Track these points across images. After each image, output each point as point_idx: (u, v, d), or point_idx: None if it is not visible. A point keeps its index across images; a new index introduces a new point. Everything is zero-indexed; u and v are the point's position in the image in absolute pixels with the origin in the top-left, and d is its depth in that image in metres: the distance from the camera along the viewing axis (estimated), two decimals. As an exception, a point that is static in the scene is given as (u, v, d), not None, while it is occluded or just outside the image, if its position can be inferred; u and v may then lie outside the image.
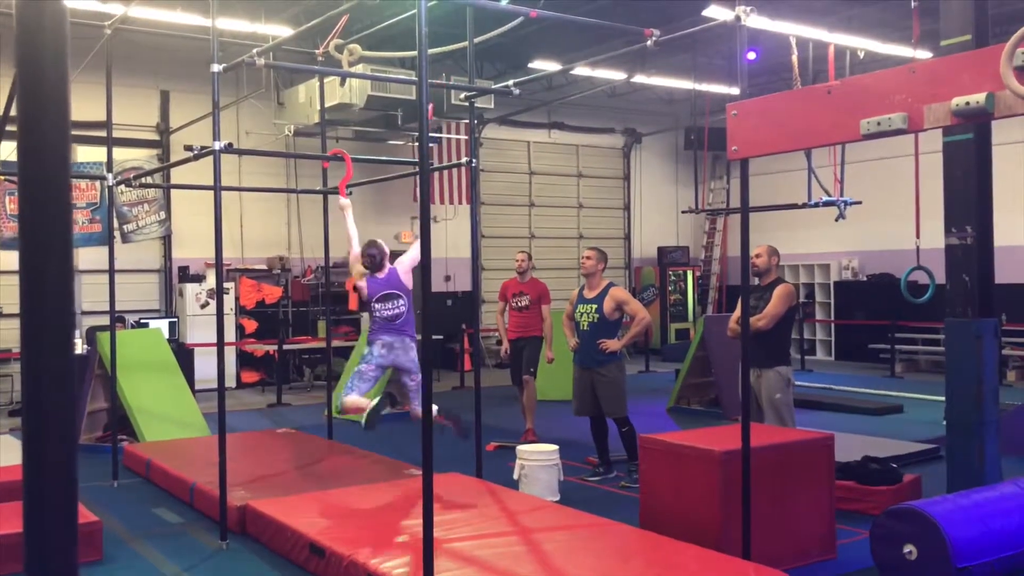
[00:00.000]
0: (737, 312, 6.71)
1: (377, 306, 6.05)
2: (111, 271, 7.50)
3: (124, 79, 12.74)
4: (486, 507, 5.46)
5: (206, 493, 6.10)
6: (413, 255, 6.17)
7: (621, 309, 6.89)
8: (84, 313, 12.60)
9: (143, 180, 8.09)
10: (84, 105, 10.96)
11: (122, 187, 13.11)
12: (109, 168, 7.20)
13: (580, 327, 7.08)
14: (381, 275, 6.13)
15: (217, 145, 5.42)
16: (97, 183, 12.52)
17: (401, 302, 6.06)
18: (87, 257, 12.54)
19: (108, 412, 8.63)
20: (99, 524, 5.21)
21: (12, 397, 11.74)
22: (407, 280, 6.13)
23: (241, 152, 6.07)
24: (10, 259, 12.20)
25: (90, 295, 12.65)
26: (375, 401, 6.00)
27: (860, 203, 7.71)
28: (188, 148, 5.80)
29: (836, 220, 6.88)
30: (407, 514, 5.30)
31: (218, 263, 5.66)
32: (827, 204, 7.07)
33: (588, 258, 7.17)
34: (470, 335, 15.50)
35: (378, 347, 6.06)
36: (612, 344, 6.85)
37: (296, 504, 5.62)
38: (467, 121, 13.84)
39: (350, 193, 6.47)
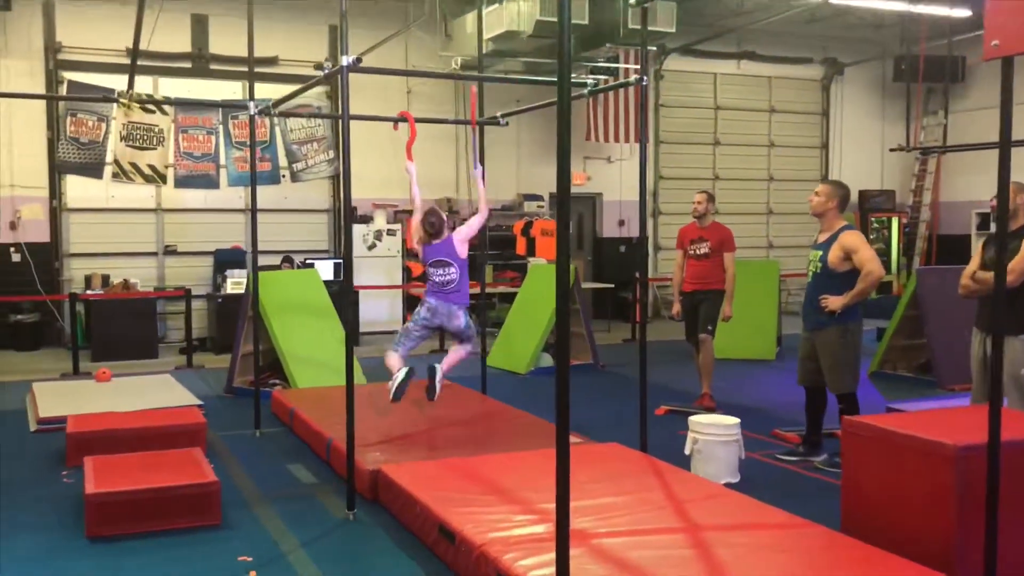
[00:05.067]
0: (972, 265, 5.42)
1: (431, 270, 6.14)
2: (254, 209, 7.06)
3: (294, 15, 12.47)
4: (649, 491, 4.58)
5: (341, 452, 5.53)
6: (473, 225, 6.30)
7: (851, 259, 5.69)
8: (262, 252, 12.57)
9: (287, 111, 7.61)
10: (257, 42, 10.75)
11: (291, 126, 12.99)
12: (251, 96, 6.69)
13: (808, 279, 6.01)
14: (438, 241, 6.14)
15: (345, 60, 4.71)
16: (266, 122, 12.35)
17: (452, 270, 6.11)
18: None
19: (261, 355, 8.32)
20: (217, 486, 4.74)
21: (179, 335, 11.81)
22: (461, 250, 6.17)
23: (367, 71, 5.26)
24: (185, 197, 12.29)
25: (260, 234, 12.61)
26: (402, 374, 5.93)
27: None
28: (318, 67, 5.13)
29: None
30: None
31: (346, 197, 5.01)
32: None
33: (817, 194, 5.97)
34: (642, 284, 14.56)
35: (425, 309, 6.16)
36: (833, 302, 5.68)
37: (431, 472, 4.96)
38: (646, 50, 12.72)
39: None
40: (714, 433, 5.42)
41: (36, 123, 11.63)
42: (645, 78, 5.35)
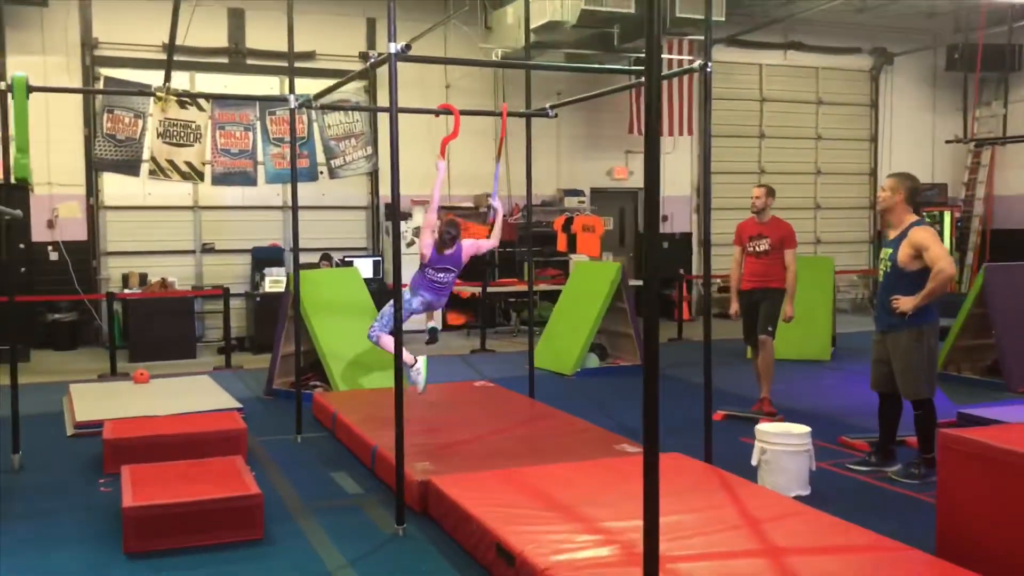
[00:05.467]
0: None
1: (431, 271, 6.41)
2: (295, 207, 6.83)
3: (332, 8, 12.25)
4: (721, 508, 4.26)
5: (387, 461, 5.27)
6: (482, 247, 6.66)
7: (922, 257, 5.32)
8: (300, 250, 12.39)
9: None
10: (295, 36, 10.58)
11: (329, 121, 12.76)
12: (291, 90, 6.46)
13: (879, 278, 5.66)
14: (450, 251, 6.39)
15: (393, 48, 4.42)
16: (304, 118, 12.14)
17: (452, 276, 6.47)
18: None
19: (302, 356, 8.09)
20: (260, 499, 4.49)
21: (217, 335, 11.63)
22: (465, 261, 6.52)
23: (416, 59, 4.96)
24: (222, 194, 12.12)
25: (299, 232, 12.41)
26: (423, 365, 6.42)
27: None
28: (363, 56, 4.86)
29: None
30: (620, 509, 4.20)
31: (394, 191, 4.79)
32: None
33: (883, 189, 5.60)
34: (692, 282, 14.15)
35: (418, 301, 6.49)
36: (904, 303, 5.32)
37: (485, 484, 4.67)
38: (693, 38, 12.33)
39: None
40: (783, 443, 5.08)
41: (73, 120, 11.51)
42: (710, 64, 5.02)
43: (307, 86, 10.27)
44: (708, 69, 5.06)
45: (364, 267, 11.64)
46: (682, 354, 10.81)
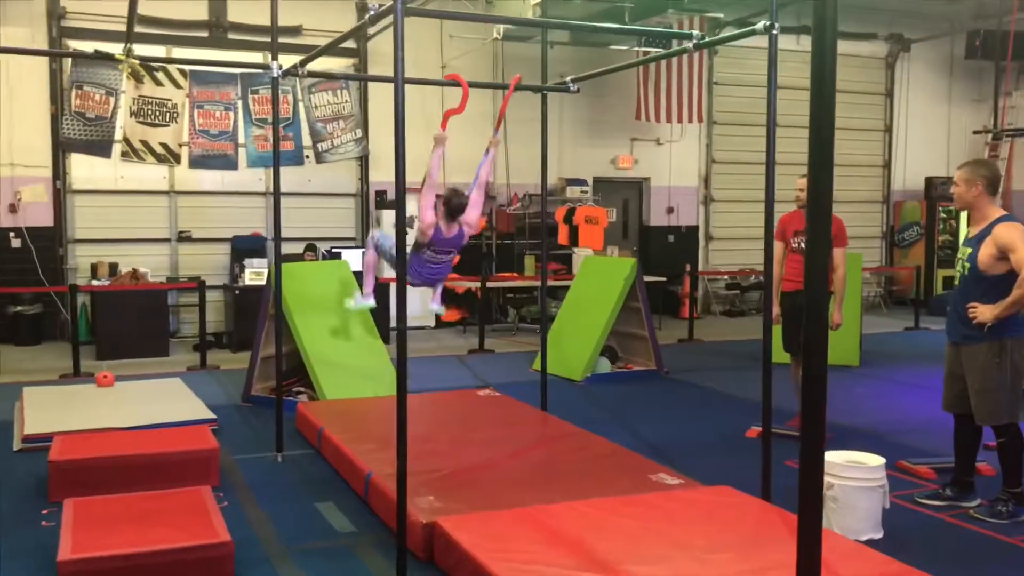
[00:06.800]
0: None
1: (429, 253, 5.61)
2: (277, 193, 6.00)
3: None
4: (797, 565, 3.47)
5: (384, 493, 4.48)
6: (477, 206, 5.72)
7: (1008, 258, 4.56)
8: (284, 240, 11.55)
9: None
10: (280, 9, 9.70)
11: (316, 102, 11.90)
12: (274, 57, 5.63)
13: (955, 281, 4.90)
14: (454, 232, 5.59)
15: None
16: (289, 98, 11.28)
17: (450, 258, 5.75)
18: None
19: (284, 359, 7.24)
20: (230, 548, 3.67)
21: (192, 330, 10.78)
22: (465, 239, 5.73)
23: (424, 13, 4.18)
24: (200, 179, 11.30)
25: (282, 220, 11.56)
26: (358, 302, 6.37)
27: None
28: (361, 7, 4.02)
29: None
30: (678, 569, 3.42)
31: (399, 172, 3.96)
32: None
33: (956, 183, 4.86)
34: (698, 278, 13.41)
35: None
36: (983, 312, 4.57)
37: (505, 528, 3.87)
38: (704, 15, 11.55)
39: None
40: (855, 477, 4.31)
41: (38, 96, 10.64)
42: (777, 26, 4.24)
43: (292, 63, 9.43)
44: (775, 31, 4.27)
45: (353, 259, 10.77)
46: (696, 357, 10.08)
